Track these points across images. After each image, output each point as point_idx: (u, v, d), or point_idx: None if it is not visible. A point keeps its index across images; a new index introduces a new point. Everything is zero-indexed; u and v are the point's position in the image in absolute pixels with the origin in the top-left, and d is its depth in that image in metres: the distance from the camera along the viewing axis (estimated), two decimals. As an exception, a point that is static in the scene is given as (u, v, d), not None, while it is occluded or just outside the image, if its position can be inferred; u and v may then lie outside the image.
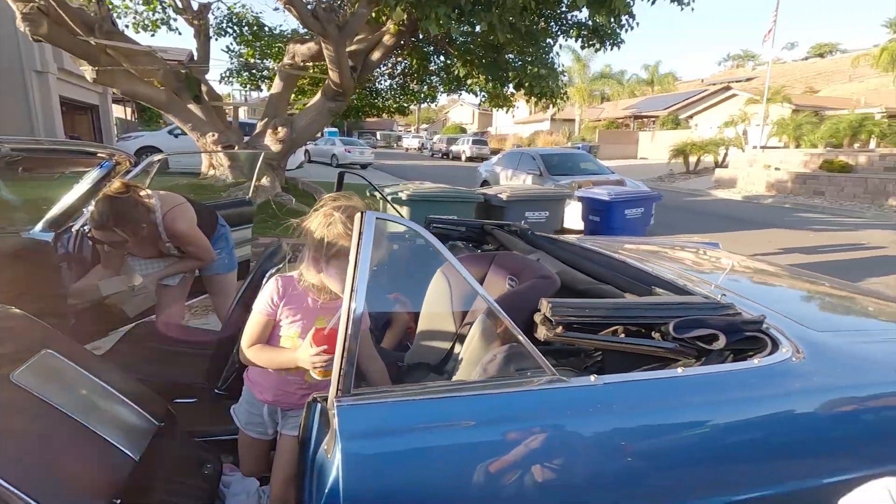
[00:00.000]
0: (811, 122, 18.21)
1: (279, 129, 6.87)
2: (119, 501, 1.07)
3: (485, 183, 11.33)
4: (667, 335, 1.12)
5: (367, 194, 4.65)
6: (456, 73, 7.79)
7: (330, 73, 6.34)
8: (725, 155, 19.18)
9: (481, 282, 1.60)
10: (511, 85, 7.46)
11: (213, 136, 6.90)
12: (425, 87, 9.86)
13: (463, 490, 0.86)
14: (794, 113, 20.42)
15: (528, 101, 8.10)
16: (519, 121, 46.27)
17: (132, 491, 1.01)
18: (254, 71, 9.33)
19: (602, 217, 5.58)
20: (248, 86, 9.67)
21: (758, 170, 15.99)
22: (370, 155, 22.70)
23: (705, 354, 1.13)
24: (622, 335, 1.14)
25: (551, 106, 7.54)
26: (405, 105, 10.36)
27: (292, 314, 1.31)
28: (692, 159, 19.73)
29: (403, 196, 4.32)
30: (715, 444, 1.00)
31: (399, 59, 9.17)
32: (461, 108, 63.05)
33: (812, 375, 1.09)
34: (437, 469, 0.85)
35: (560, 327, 1.07)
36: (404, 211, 4.29)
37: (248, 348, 1.32)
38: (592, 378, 0.97)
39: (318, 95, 7.25)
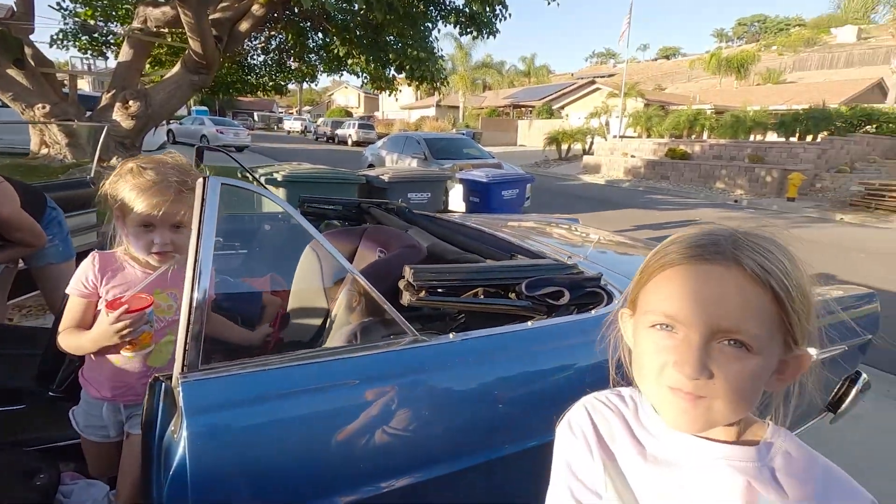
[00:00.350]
0: (658, 115, 20.76)
1: (130, 102, 6.06)
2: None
3: (371, 167, 11.20)
4: (520, 294, 1.22)
5: (239, 175, 4.34)
6: (336, 52, 7.51)
7: (190, 42, 5.72)
8: (591, 143, 21.11)
9: (353, 255, 1.60)
10: (392, 67, 7.40)
11: (44, 108, 5.86)
12: (304, 65, 9.38)
13: (326, 454, 0.87)
14: (645, 107, 23.08)
15: (409, 85, 8.12)
16: (405, 106, 46.24)
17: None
18: (95, 35, 8.04)
19: (481, 198, 5.85)
20: (90, 52, 8.32)
21: (617, 157, 17.89)
22: (246, 137, 21.04)
23: (554, 310, 1.25)
24: (482, 297, 1.22)
25: (433, 91, 7.65)
26: (282, 83, 9.75)
27: (120, 292, 1.18)
28: (564, 147, 21.42)
29: (279, 178, 4.09)
30: (562, 383, 1.12)
31: (273, 33, 8.59)
32: (346, 91, 61.18)
33: (637, 321, 1.27)
34: (297, 437, 0.84)
35: (423, 291, 1.11)
36: (280, 193, 4.08)
37: (59, 334, 1.19)
38: (451, 336, 1.03)
39: (178, 66, 6.51)
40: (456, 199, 6.31)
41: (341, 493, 0.85)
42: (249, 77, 9.54)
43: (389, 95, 8.85)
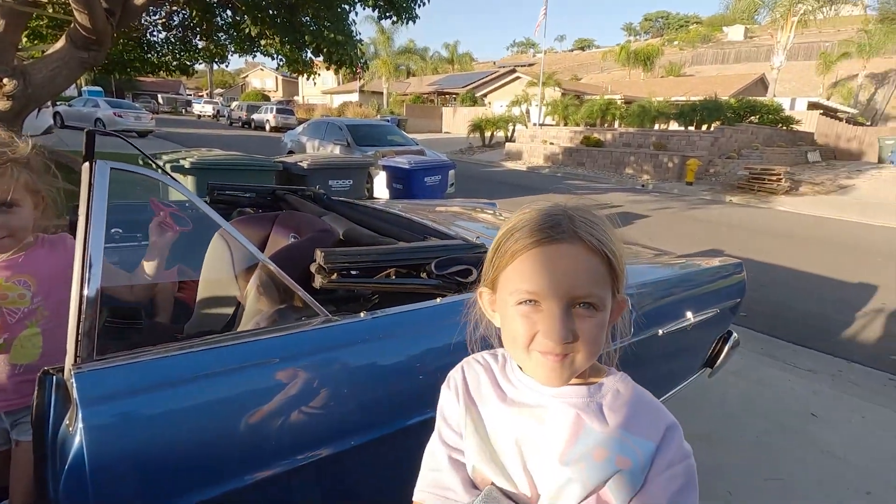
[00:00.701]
0: (574, 104, 21.79)
1: (5, 80, 5.36)
2: None
3: (290, 153, 10.77)
4: (430, 273, 1.28)
5: (140, 162, 4.01)
6: (247, 31, 7.07)
7: (76, 14, 5.14)
8: (513, 131, 21.73)
9: (265, 242, 1.57)
10: (309, 50, 7.11)
11: None
12: (212, 44, 8.74)
13: (237, 434, 0.88)
14: (562, 96, 24.12)
15: (328, 69, 7.86)
16: (327, 90, 44.71)
17: None
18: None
19: (404, 184, 5.87)
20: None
21: (537, 144, 18.58)
22: (150, 121, 19.28)
23: (463, 287, 1.33)
24: (394, 278, 1.27)
25: (354, 76, 7.49)
26: (188, 63, 9.02)
27: None
28: (487, 134, 21.86)
29: (186, 164, 3.82)
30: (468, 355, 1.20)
31: (176, 8, 7.93)
32: (262, 74, 57.89)
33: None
34: (203, 421, 0.84)
35: (335, 274, 1.14)
36: (188, 182, 3.83)
37: None
38: (362, 314, 1.07)
39: (63, 42, 5.83)
40: (380, 186, 6.28)
41: (255, 469, 0.87)
42: (150, 56, 8.71)
43: (308, 79, 8.51)
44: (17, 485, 1.16)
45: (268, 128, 28.60)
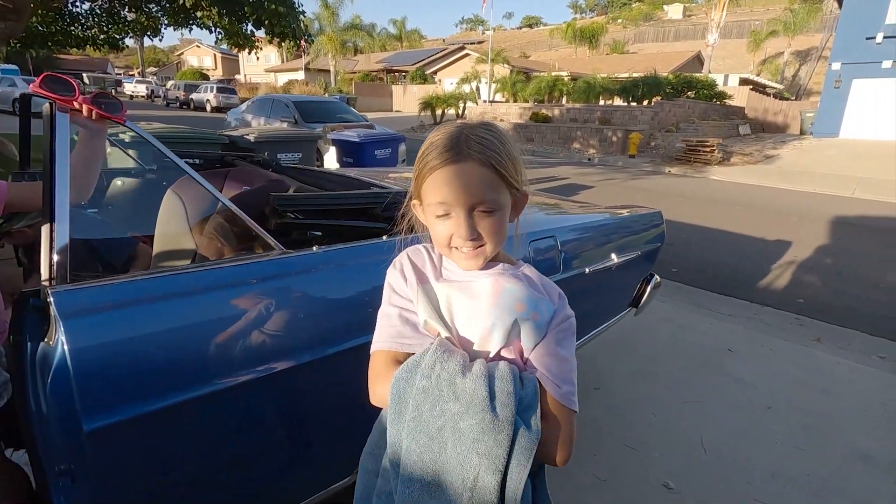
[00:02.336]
0: (522, 81, 22.04)
1: None
2: None
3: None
4: (377, 216, 1.41)
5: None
6: (181, 1, 6.74)
7: (-11, -20, 4.75)
8: (464, 108, 21.78)
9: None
10: (250, 22, 6.87)
11: None
12: (143, 16, 8.25)
13: (198, 351, 0.98)
14: (511, 73, 24.34)
15: (270, 42, 7.63)
16: (270, 68, 42.92)
17: None
18: None
19: (354, 158, 5.89)
20: None
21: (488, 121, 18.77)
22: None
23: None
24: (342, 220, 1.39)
25: (298, 50, 7.30)
26: (117, 37, 8.48)
27: None
28: (438, 112, 21.81)
29: (127, 138, 3.70)
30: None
31: (99, -25, 7.42)
32: (199, 51, 54.69)
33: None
34: (171, 335, 0.94)
35: (287, 214, 1.24)
36: (135, 154, 3.71)
37: None
38: (315, 248, 1.19)
39: (-26, 12, 5.37)
40: (330, 161, 6.25)
41: (217, 378, 0.98)
42: (73, 28, 8.13)
43: (249, 54, 8.22)
44: None
45: (209, 108, 27.24)
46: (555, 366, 0.75)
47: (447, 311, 0.78)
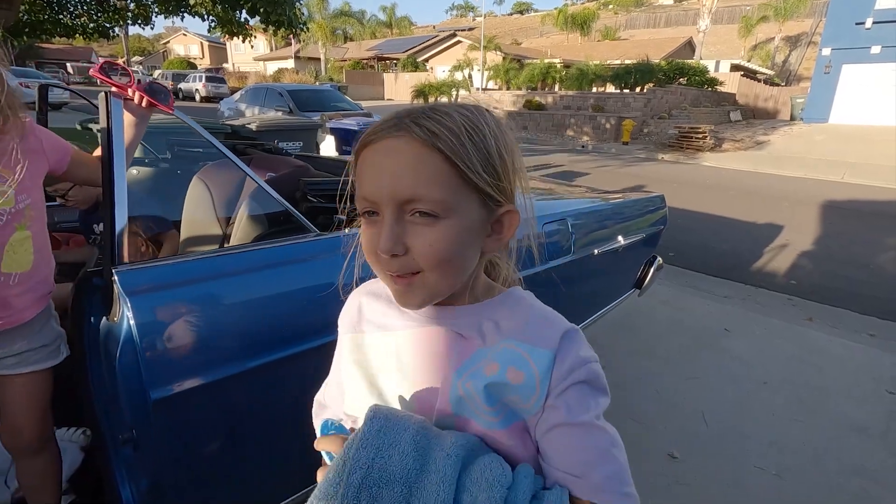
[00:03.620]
0: (515, 68, 21.98)
1: None
2: None
3: (229, 122, 10.35)
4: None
5: (79, 126, 3.85)
6: (173, -11, 6.67)
7: (-21, -32, 4.69)
8: (457, 96, 21.71)
9: (243, 182, 1.69)
10: (244, 10, 6.80)
11: None
12: (133, 3, 8.14)
13: (251, 323, 1.04)
14: (504, 60, 24.23)
15: (265, 30, 7.57)
16: (259, 57, 42.34)
17: None
18: None
19: (353, 146, 5.88)
20: None
21: (481, 109, 18.71)
22: (63, 92, 17.64)
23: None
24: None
25: (291, 38, 7.24)
26: (107, 25, 8.36)
27: None
28: (431, 100, 21.73)
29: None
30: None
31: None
32: (186, 39, 53.76)
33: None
34: (223, 309, 1.01)
35: (317, 199, 1.30)
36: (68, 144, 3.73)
37: None
38: (346, 230, 1.25)
39: (-37, 0, 5.29)
40: (328, 150, 6.26)
41: (271, 348, 1.04)
42: (62, 17, 8.00)
43: (243, 42, 8.15)
44: (14, 420, 1.08)
45: (198, 98, 26.90)
46: (572, 448, 0.50)
47: (385, 376, 0.56)
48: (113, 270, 0.90)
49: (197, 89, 26.95)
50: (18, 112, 0.95)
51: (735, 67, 24.55)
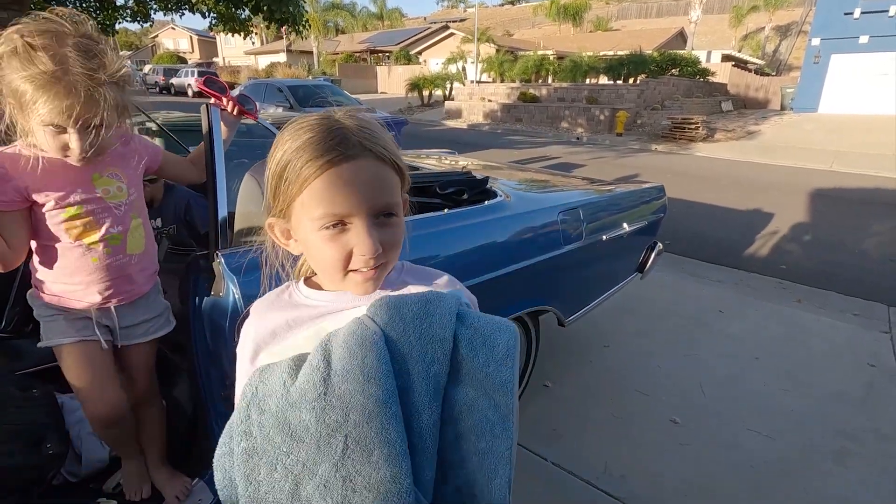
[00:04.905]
0: (509, 60, 22.04)
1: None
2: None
3: (229, 118, 10.42)
4: (434, 193, 1.65)
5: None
6: (175, -13, 6.73)
7: (-11, -30, 4.76)
8: (451, 89, 21.80)
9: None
10: (248, 8, 6.88)
11: None
12: (131, 1, 8.18)
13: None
14: (497, 52, 24.30)
15: (268, 28, 7.66)
16: (250, 51, 41.98)
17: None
18: None
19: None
20: None
21: (476, 101, 18.82)
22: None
23: (459, 203, 1.71)
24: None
25: (284, 32, 7.31)
26: (108, 23, 8.39)
27: (46, 191, 1.02)
28: (425, 93, 21.79)
29: (153, 126, 3.82)
30: (466, 247, 1.60)
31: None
32: (175, 34, 53.10)
33: (513, 208, 1.80)
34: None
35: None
36: (158, 143, 3.86)
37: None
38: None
39: (-28, 1, 5.35)
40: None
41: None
42: (62, 14, 8.02)
43: (244, 39, 8.23)
44: (137, 377, 1.28)
45: (190, 93, 26.73)
46: None
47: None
48: (219, 253, 1.08)
49: (189, 84, 26.78)
50: (128, 117, 1.10)
51: (726, 58, 24.80)
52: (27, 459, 1.14)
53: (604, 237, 2.13)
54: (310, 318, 0.62)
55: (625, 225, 2.25)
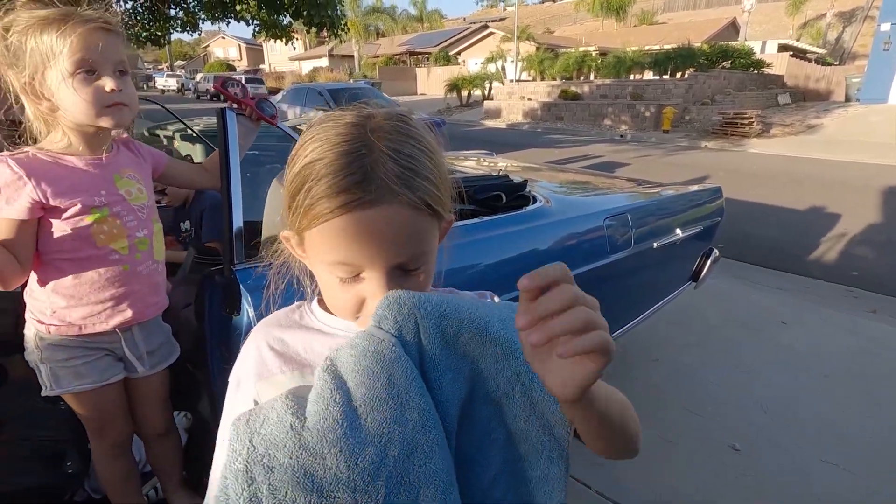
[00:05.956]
0: (549, 58, 21.64)
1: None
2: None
3: (272, 123, 10.68)
4: (471, 198, 1.54)
5: (146, 133, 4.09)
6: (221, -4, 6.94)
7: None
8: (490, 88, 21.60)
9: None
10: (288, 14, 7.01)
11: None
12: (182, 11, 8.51)
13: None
14: (537, 50, 23.89)
15: (308, 32, 7.78)
16: (294, 56, 43.24)
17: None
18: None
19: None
20: None
21: (515, 101, 18.57)
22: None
23: (496, 209, 1.59)
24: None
25: (326, 36, 7.40)
26: (159, 34, 8.78)
27: (69, 194, 0.94)
28: (464, 93, 21.70)
29: (195, 132, 3.93)
30: (502, 255, 1.48)
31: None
32: (225, 42, 55.49)
33: (554, 214, 1.66)
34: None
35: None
36: (197, 150, 3.95)
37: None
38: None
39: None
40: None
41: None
42: (118, 27, 8.45)
43: (286, 44, 8.40)
44: (149, 411, 1.18)
45: (238, 99, 27.75)
46: None
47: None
48: (233, 269, 1.01)
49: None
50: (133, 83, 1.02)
51: (783, 48, 23.39)
52: (47, 479, 1.11)
53: (655, 244, 1.95)
54: (328, 347, 0.51)
55: (678, 230, 2.06)
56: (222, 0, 7.02)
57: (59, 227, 0.95)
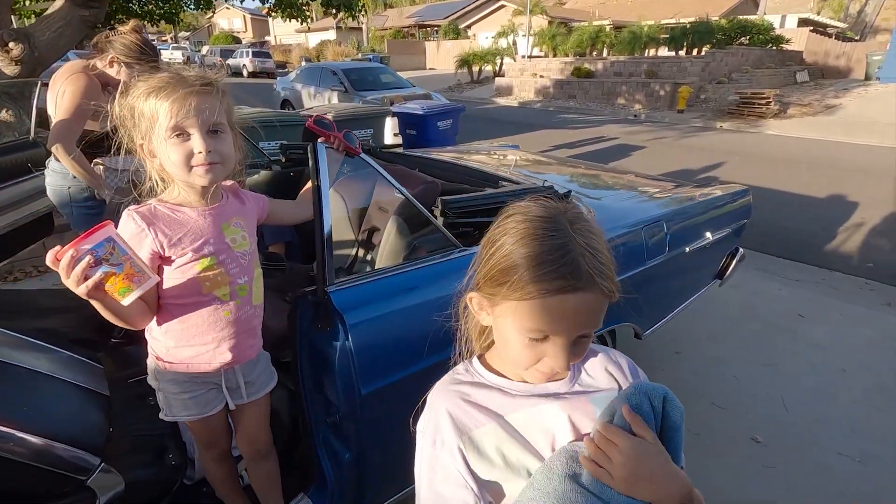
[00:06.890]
0: (562, 33, 21.15)
1: (11, 44, 5.27)
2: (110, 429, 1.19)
3: (286, 103, 10.67)
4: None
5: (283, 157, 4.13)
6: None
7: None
8: (501, 64, 21.22)
9: (370, 195, 1.90)
10: (305, -7, 6.94)
11: None
12: (195, -11, 8.42)
13: (427, 332, 1.24)
14: (549, 24, 23.34)
15: (325, 14, 7.70)
16: (300, 29, 42.38)
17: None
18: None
19: (418, 130, 6.04)
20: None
21: (527, 78, 18.27)
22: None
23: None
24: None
25: (351, 18, 7.33)
26: (174, 12, 8.72)
27: (182, 244, 1.02)
28: (475, 69, 21.35)
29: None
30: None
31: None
32: (229, 13, 54.36)
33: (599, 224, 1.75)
34: (409, 320, 1.22)
35: (454, 216, 1.48)
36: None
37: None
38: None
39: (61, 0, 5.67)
40: (388, 132, 6.43)
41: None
42: (132, 5, 8.39)
43: (301, 24, 8.32)
44: (254, 433, 1.25)
45: (245, 73, 27.54)
46: None
47: (541, 442, 0.65)
48: (326, 289, 1.12)
49: (244, 65, 27.55)
50: (238, 142, 1.10)
51: (803, 22, 22.72)
52: (154, 472, 1.25)
53: (687, 249, 2.04)
54: (519, 405, 0.66)
55: (708, 234, 2.15)
56: (238, -22, 6.93)
57: (171, 275, 1.03)
